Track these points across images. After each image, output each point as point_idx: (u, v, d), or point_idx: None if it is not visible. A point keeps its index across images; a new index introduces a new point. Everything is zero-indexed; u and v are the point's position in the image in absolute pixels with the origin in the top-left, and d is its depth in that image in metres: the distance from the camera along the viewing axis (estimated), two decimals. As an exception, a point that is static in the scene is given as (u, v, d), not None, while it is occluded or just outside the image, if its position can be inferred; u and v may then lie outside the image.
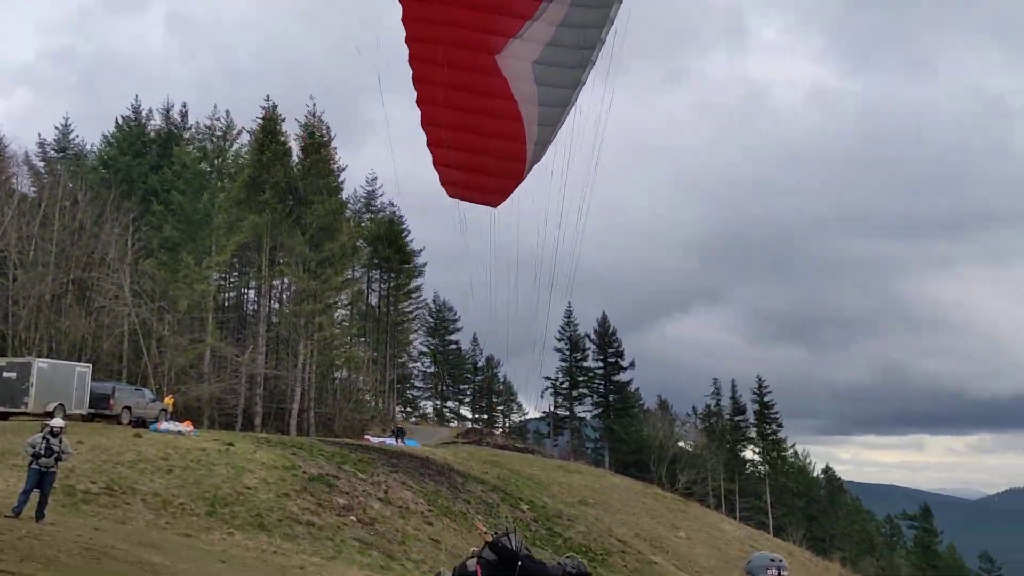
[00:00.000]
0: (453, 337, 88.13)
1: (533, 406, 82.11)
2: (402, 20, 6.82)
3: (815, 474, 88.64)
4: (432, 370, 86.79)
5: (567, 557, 9.86)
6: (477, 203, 7.86)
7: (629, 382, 77.49)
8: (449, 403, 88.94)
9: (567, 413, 78.83)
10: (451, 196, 7.73)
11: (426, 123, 7.25)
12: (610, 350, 77.78)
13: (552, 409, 79.23)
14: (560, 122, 7.32)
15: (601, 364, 77.87)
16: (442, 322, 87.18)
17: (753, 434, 74.69)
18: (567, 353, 78.54)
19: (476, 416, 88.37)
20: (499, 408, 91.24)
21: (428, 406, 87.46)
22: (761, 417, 74.07)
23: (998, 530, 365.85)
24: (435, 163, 7.47)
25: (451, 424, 79.37)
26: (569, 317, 79.10)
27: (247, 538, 15.16)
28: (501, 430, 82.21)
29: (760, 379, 74.26)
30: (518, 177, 7.55)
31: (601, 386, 77.54)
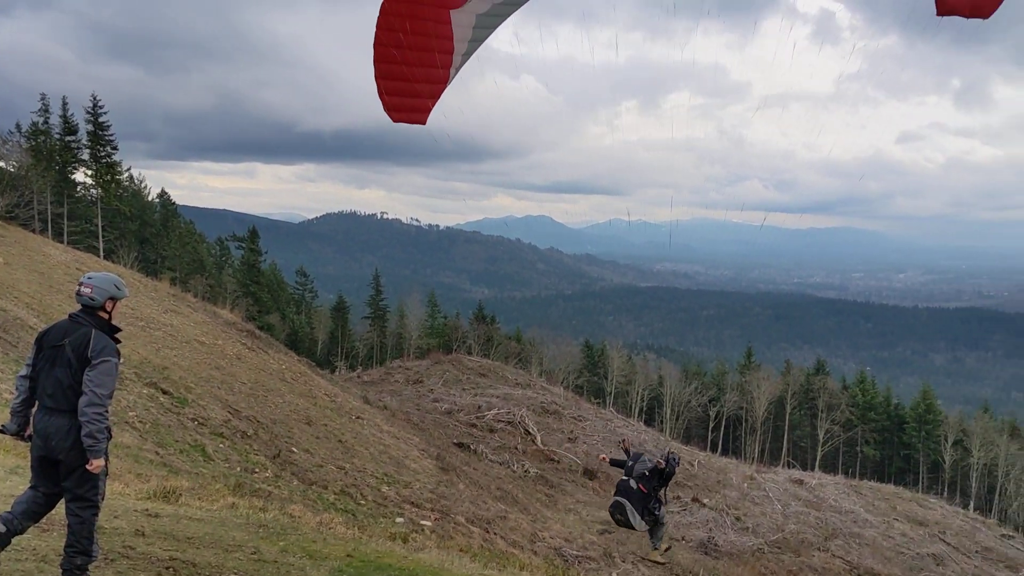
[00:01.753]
0: None
1: None
2: None
3: (150, 199, 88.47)
4: None
5: (671, 453, 12.12)
6: (412, 123, 9.16)
7: (-70, 89, 65.69)
8: None
9: None
10: (394, 120, 8.98)
11: (378, 60, 8.49)
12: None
13: None
14: (473, 52, 9.19)
15: None
16: None
17: (86, 156, 70.51)
18: None
19: None
20: None
21: None
22: (95, 139, 69.93)
23: (314, 249, 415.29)
24: (381, 92, 8.70)
25: None
26: None
27: None
28: None
29: (95, 98, 69.29)
30: (439, 96, 9.04)
31: None
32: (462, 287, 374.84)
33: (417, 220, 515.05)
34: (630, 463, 12.45)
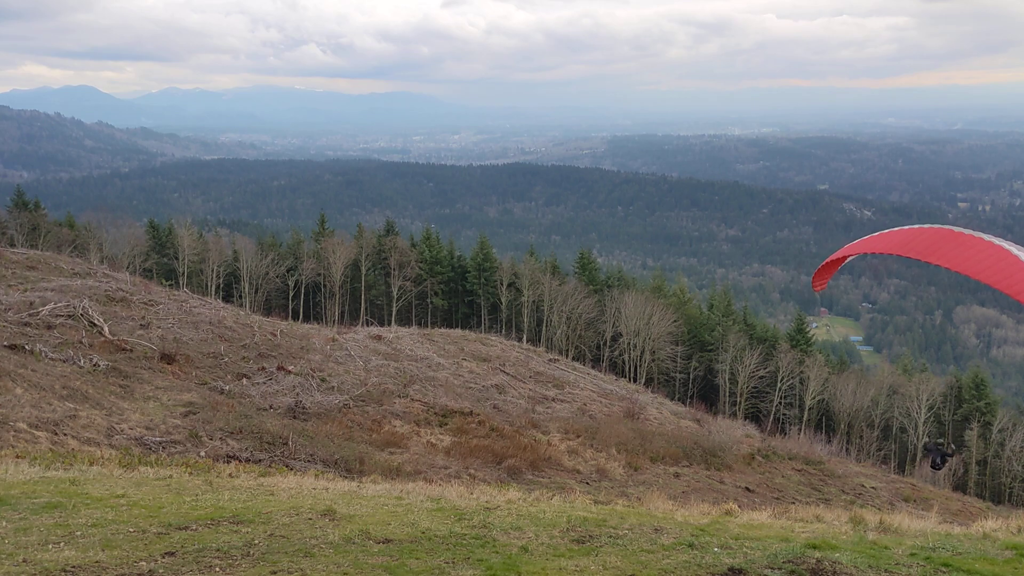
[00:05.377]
0: None
1: None
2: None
3: None
4: None
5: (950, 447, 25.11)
6: (815, 289, 16.27)
7: None
8: None
9: None
10: (814, 288, 16.11)
11: (826, 265, 15.54)
12: None
13: None
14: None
15: None
16: None
17: None
18: None
19: None
20: None
21: None
22: None
23: None
24: (823, 272, 15.47)
25: None
26: None
27: None
28: None
29: None
30: (824, 284, 16.27)
31: None
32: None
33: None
34: (939, 446, 22.04)
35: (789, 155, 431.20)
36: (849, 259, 18.99)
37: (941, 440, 24.20)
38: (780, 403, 76.24)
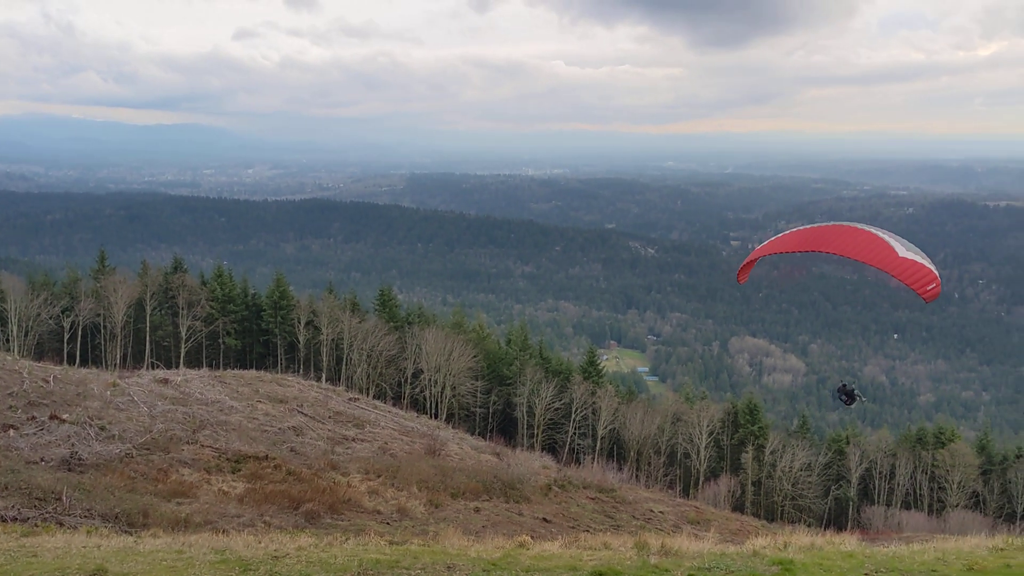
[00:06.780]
0: None
1: None
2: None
3: None
4: None
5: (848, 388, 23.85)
6: (739, 280, 19.74)
7: None
8: None
9: None
10: (740, 282, 18.99)
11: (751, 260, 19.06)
12: None
13: None
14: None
15: None
16: None
17: None
18: None
19: None
20: None
21: None
22: None
23: None
24: (746, 266, 18.61)
25: None
26: None
27: None
28: None
29: None
30: (746, 274, 19.18)
31: None
32: None
33: None
34: (846, 386, 23.74)
35: (579, 195, 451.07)
36: (761, 257, 20.59)
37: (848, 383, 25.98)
38: (575, 434, 78.83)
